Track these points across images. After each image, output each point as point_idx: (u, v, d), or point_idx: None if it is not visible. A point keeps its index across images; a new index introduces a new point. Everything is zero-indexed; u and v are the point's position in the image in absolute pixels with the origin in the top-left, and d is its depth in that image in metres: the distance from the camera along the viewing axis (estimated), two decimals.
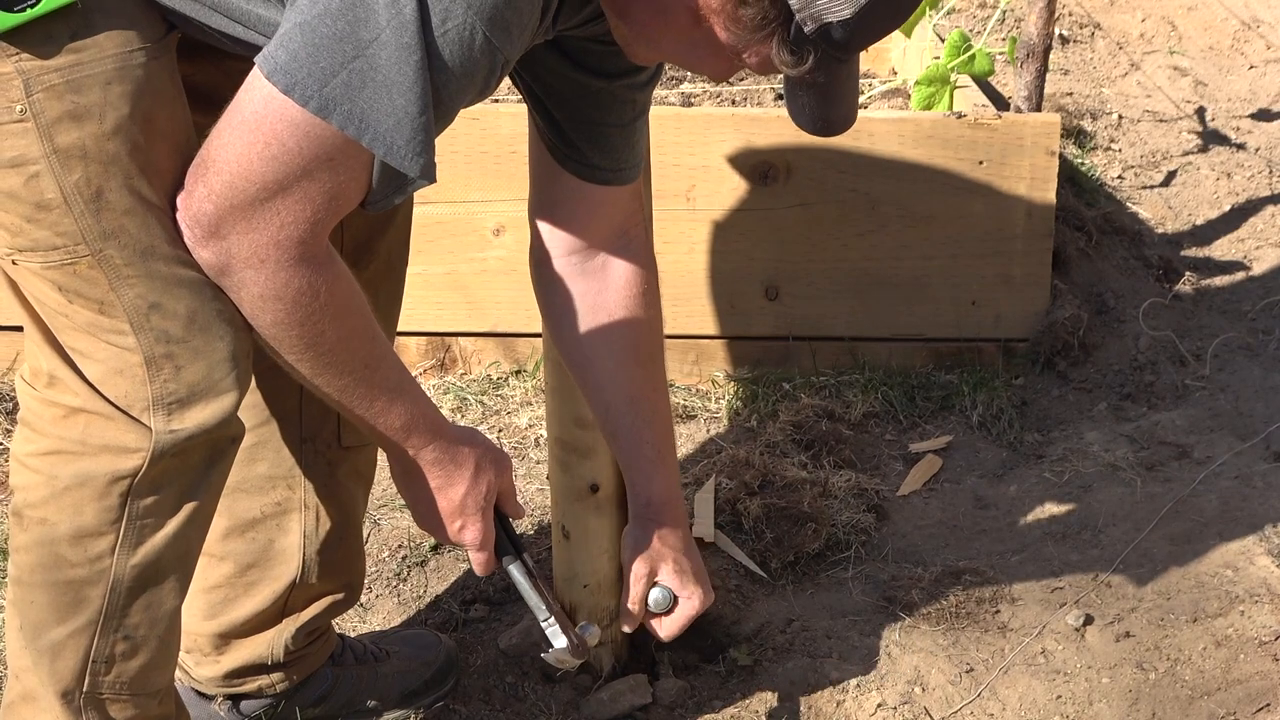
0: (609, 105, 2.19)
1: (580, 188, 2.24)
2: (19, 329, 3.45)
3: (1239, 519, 2.99)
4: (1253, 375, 3.57)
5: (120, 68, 1.86)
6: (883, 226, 3.51)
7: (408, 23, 1.76)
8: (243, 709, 2.55)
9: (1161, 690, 2.62)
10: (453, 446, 2.10)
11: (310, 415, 2.39)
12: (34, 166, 1.85)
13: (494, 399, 3.51)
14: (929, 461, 3.31)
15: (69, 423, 1.98)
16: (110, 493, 1.98)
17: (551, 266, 2.30)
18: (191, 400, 1.96)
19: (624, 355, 2.33)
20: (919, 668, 2.67)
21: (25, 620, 2.07)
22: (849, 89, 1.98)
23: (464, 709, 2.67)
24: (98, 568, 2.02)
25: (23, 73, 1.83)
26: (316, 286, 1.88)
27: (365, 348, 1.98)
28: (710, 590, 2.44)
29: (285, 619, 2.50)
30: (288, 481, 2.42)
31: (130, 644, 2.08)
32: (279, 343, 1.93)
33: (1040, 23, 3.61)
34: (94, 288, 1.91)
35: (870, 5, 1.82)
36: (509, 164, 3.31)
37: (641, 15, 1.94)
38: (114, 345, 1.94)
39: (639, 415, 2.36)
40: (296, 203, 1.83)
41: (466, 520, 2.14)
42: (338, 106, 1.78)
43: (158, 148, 1.90)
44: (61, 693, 2.09)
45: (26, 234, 1.89)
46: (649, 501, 2.40)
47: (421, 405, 2.06)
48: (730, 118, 3.45)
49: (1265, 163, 4.48)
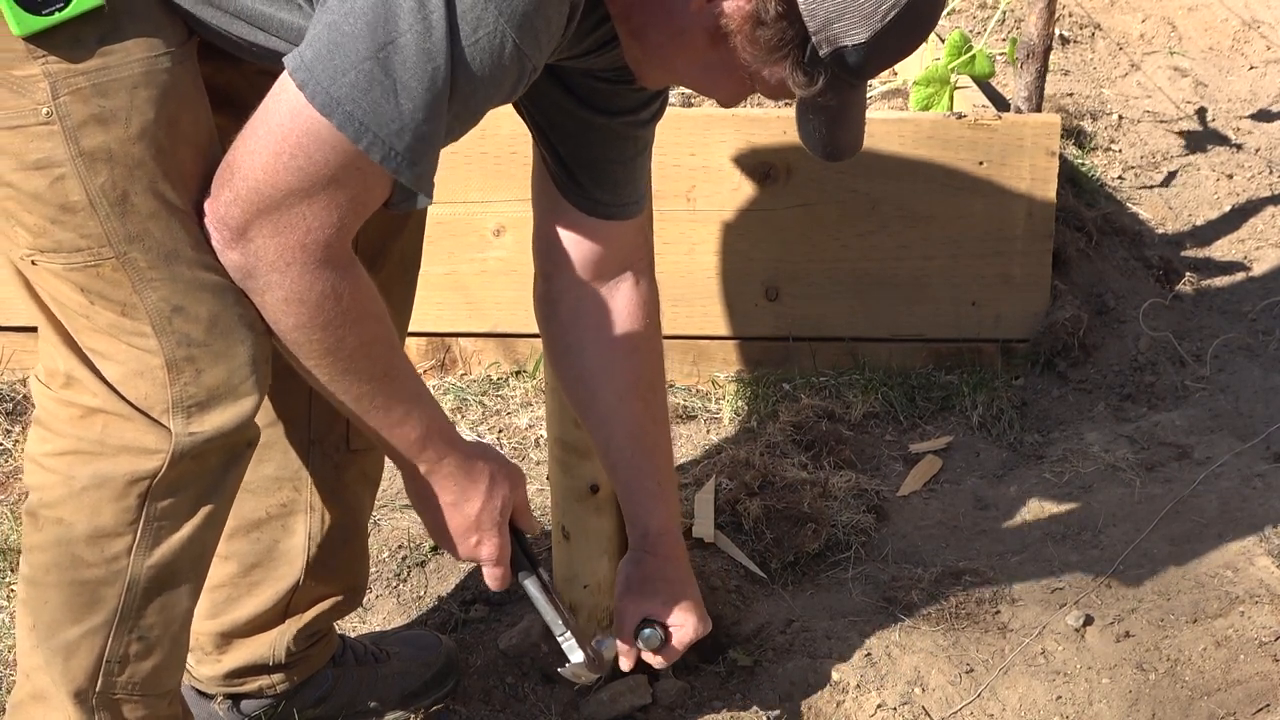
0: (611, 141, 2.20)
1: (583, 221, 2.24)
2: (18, 329, 3.47)
3: (1239, 519, 2.99)
4: (1253, 376, 3.57)
5: (146, 72, 1.87)
6: (883, 227, 3.51)
7: (433, 28, 1.77)
8: (243, 709, 2.55)
9: (1161, 691, 2.62)
10: (467, 460, 2.10)
11: (318, 418, 2.39)
12: (59, 169, 1.86)
13: (494, 399, 3.51)
14: (929, 462, 3.31)
15: (87, 423, 1.98)
16: (129, 494, 1.99)
17: (555, 298, 2.30)
18: (211, 403, 1.96)
19: (626, 390, 2.33)
20: (919, 668, 2.67)
21: (39, 619, 2.07)
22: (857, 114, 2.00)
23: (464, 709, 2.67)
24: (114, 568, 2.03)
25: (50, 75, 1.84)
26: (340, 290, 1.89)
27: (384, 355, 1.99)
28: (706, 620, 2.42)
29: (287, 620, 2.50)
30: (294, 483, 2.42)
31: (144, 644, 2.09)
32: (300, 348, 1.93)
33: (1040, 23, 3.61)
34: (117, 290, 1.92)
35: (885, 30, 1.85)
36: (509, 164, 3.31)
37: (657, 36, 1.95)
38: (135, 347, 1.94)
39: (640, 448, 2.36)
40: (321, 207, 1.84)
41: (482, 535, 2.13)
42: (339, 106, 1.79)
43: (182, 151, 1.91)
44: (74, 692, 2.09)
45: (50, 235, 1.90)
46: (646, 533, 2.39)
47: (437, 418, 2.06)
48: (730, 118, 3.45)
49: (1265, 163, 4.48)
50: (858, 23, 1.84)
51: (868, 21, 1.84)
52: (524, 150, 2.44)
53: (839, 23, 1.84)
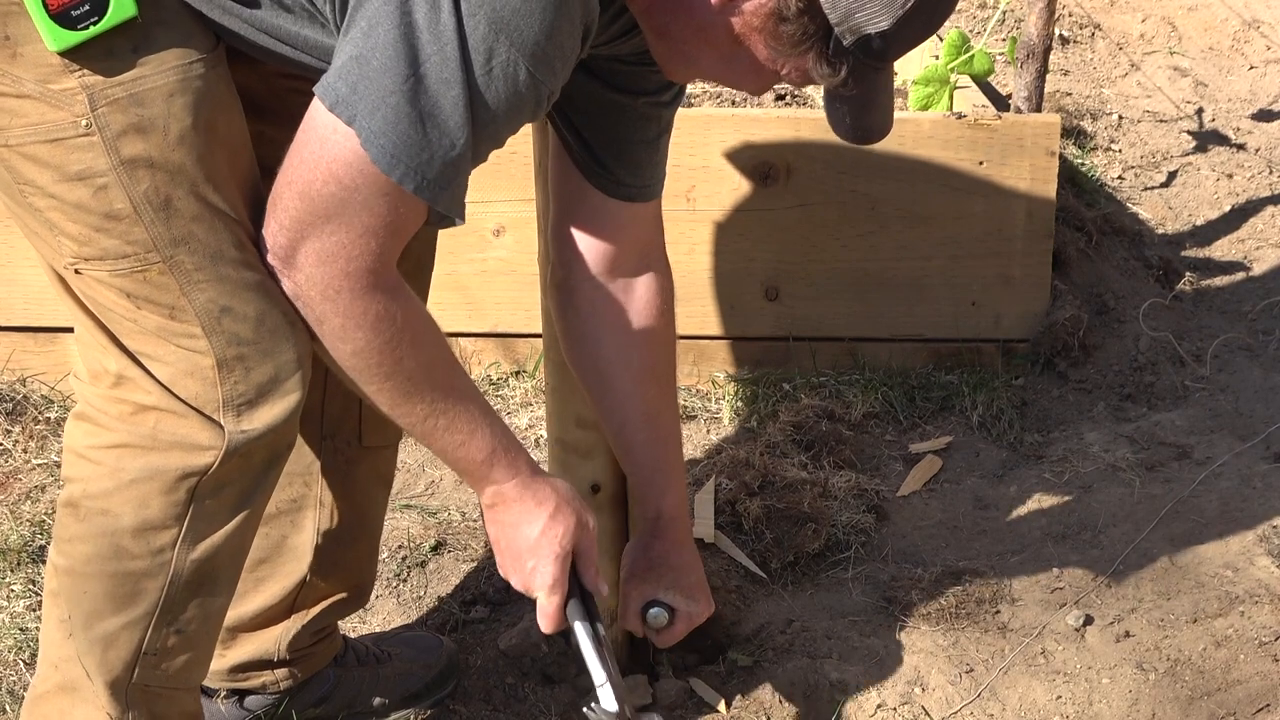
0: (633, 122, 2.21)
1: (605, 205, 2.25)
2: (18, 329, 3.48)
3: (1239, 519, 2.99)
4: (1253, 376, 3.57)
5: (181, 79, 1.90)
6: (883, 227, 3.51)
7: (449, 59, 1.80)
8: (246, 704, 2.55)
9: (1161, 690, 2.62)
10: (534, 481, 2.10)
11: (331, 412, 2.40)
12: (102, 179, 1.90)
13: (494, 400, 3.51)
14: (929, 462, 3.31)
15: (139, 419, 2.00)
16: (178, 488, 2.01)
17: (573, 287, 2.31)
18: (259, 401, 1.99)
19: (642, 373, 2.35)
20: (919, 668, 2.67)
21: (76, 610, 2.10)
22: (885, 97, 2.01)
23: (464, 709, 2.67)
24: (159, 560, 2.05)
25: (87, 88, 1.88)
26: (393, 312, 1.91)
27: (446, 375, 2.01)
28: (711, 602, 2.44)
29: (293, 616, 2.50)
30: (304, 478, 2.43)
31: (181, 638, 2.12)
32: (361, 374, 1.95)
33: (1040, 23, 3.61)
34: (165, 293, 1.95)
35: (908, 15, 1.86)
36: (509, 165, 3.31)
37: (681, 33, 1.96)
38: (184, 349, 1.97)
39: (655, 432, 2.38)
40: (360, 235, 1.87)
41: (539, 561, 2.11)
42: (374, 140, 1.82)
43: (219, 154, 1.94)
44: (110, 682, 2.12)
45: (95, 243, 1.93)
46: (659, 515, 2.41)
47: (503, 437, 2.07)
48: (730, 118, 3.45)
49: (1265, 163, 4.48)
50: (880, 10, 1.85)
51: (890, 8, 1.85)
52: (524, 150, 2.45)
53: (861, 13, 1.85)
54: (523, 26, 1.80)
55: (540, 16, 1.80)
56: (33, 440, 3.31)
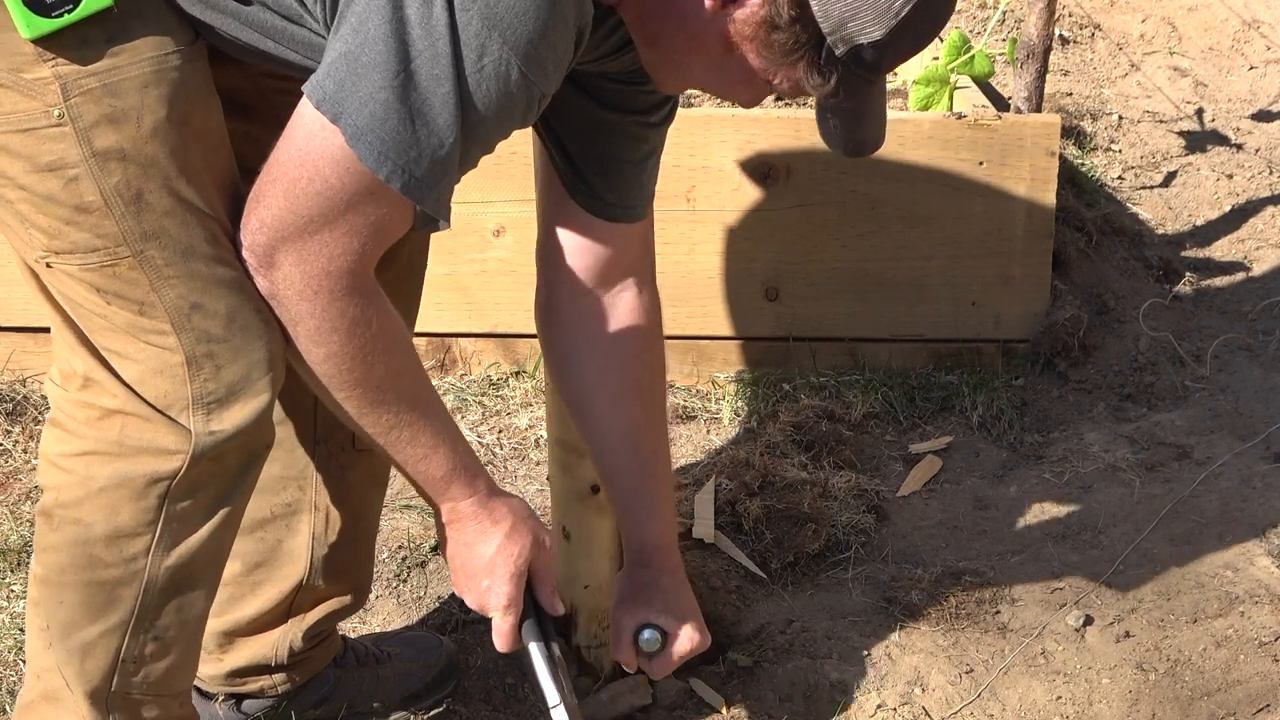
0: (621, 141, 2.19)
1: (589, 224, 2.23)
2: (18, 329, 3.47)
3: (1239, 519, 2.99)
4: (1253, 376, 3.57)
5: (156, 71, 1.88)
6: (883, 227, 3.51)
7: (440, 55, 1.78)
8: (244, 708, 2.55)
9: (1161, 691, 2.62)
10: (491, 500, 2.08)
11: (325, 417, 2.38)
12: (73, 170, 1.87)
13: (494, 400, 3.51)
14: (929, 462, 3.31)
15: (105, 424, 1.99)
16: (148, 494, 1.99)
17: (555, 306, 2.29)
18: (230, 400, 1.97)
19: (622, 395, 2.31)
20: (919, 668, 2.67)
21: (53, 619, 2.08)
22: (878, 110, 2.00)
23: (464, 709, 2.67)
24: (132, 568, 2.03)
25: (60, 77, 1.85)
26: (369, 316, 1.90)
27: (413, 387, 1.99)
28: (706, 633, 2.38)
29: (291, 620, 2.50)
30: (299, 482, 2.43)
31: (160, 645, 2.10)
32: (331, 379, 1.94)
33: (1040, 23, 3.61)
34: (134, 289, 1.92)
35: (901, 25, 1.85)
36: (509, 164, 3.31)
37: (672, 41, 1.95)
38: (154, 345, 1.95)
39: (637, 457, 2.34)
40: (343, 234, 1.85)
41: (495, 580, 2.09)
42: (362, 136, 1.80)
43: (194, 149, 1.92)
44: (90, 692, 2.10)
45: (65, 237, 1.91)
46: (643, 548, 2.36)
47: (464, 455, 2.06)
48: (730, 118, 3.45)
49: (1265, 163, 4.48)
50: (872, 20, 1.84)
51: (882, 18, 1.84)
52: (524, 150, 2.44)
53: (853, 22, 1.84)
54: (517, 25, 1.79)
55: (535, 15, 1.79)
56: (33, 440, 3.30)
